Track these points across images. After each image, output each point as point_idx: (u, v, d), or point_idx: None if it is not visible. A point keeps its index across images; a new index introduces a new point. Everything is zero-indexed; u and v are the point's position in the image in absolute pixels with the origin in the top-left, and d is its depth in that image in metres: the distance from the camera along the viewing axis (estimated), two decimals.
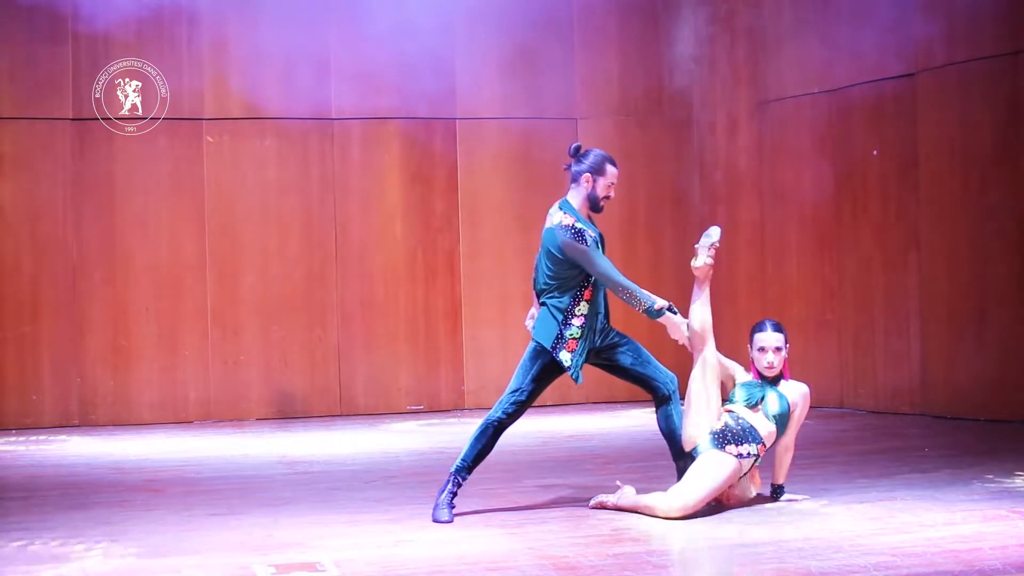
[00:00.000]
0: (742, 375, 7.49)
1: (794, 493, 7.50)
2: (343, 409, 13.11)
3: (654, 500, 7.05)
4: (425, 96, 13.19)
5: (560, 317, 7.17)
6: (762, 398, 7.31)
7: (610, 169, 7.34)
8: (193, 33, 12.86)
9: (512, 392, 7.22)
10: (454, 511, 7.12)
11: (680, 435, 7.26)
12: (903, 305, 11.73)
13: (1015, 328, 10.84)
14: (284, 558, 6.24)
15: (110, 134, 12.73)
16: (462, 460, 7.24)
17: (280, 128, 13.09)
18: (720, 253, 13.58)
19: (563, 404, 13.08)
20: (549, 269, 7.23)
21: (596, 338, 7.26)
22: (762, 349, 7.38)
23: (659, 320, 7.13)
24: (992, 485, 7.71)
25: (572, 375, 7.17)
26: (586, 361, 7.26)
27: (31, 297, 12.60)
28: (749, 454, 7.14)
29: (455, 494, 7.18)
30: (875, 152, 11.94)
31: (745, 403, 7.31)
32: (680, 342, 7.24)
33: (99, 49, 12.68)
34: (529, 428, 11.53)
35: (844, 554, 5.94)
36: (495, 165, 13.46)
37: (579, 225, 7.17)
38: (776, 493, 7.43)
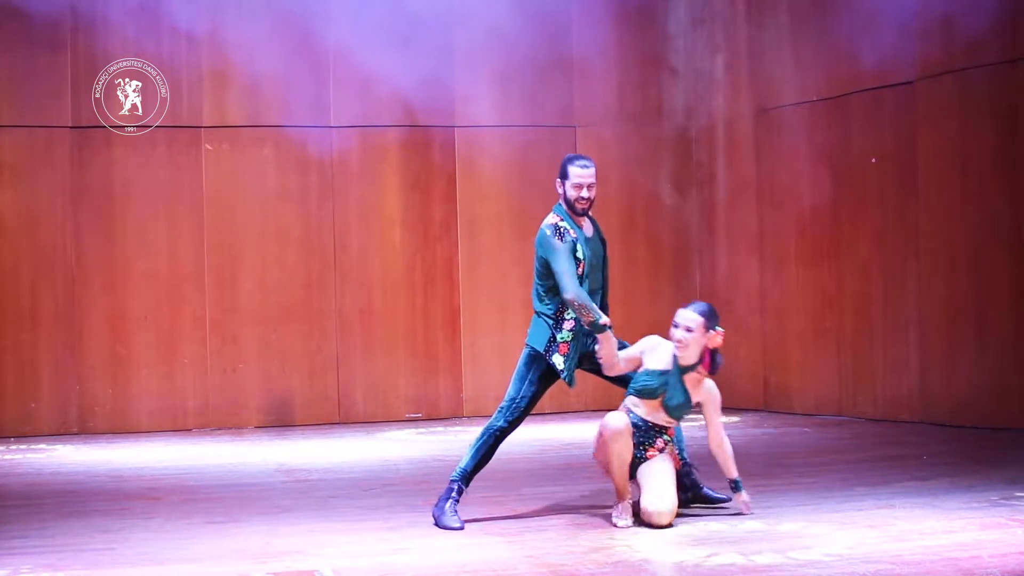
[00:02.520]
0: (650, 360, 7.20)
1: (782, 501, 7.49)
2: (342, 417, 13.11)
3: (651, 507, 7.04)
4: (424, 104, 13.19)
5: (551, 322, 7.20)
6: (664, 390, 7.13)
7: (572, 170, 7.32)
8: (192, 41, 12.86)
9: (511, 400, 7.24)
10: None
11: None
12: (902, 313, 11.73)
13: (1014, 336, 10.84)
14: (283, 566, 6.23)
15: (109, 142, 12.74)
16: (462, 469, 7.25)
17: (279, 136, 13.09)
18: (719, 260, 13.64)
19: (561, 412, 13.07)
20: (537, 273, 7.28)
21: (588, 341, 7.27)
22: (675, 325, 7.20)
23: (598, 335, 7.08)
24: (991, 493, 7.71)
25: (565, 378, 7.22)
26: (578, 365, 7.28)
27: (30, 305, 12.60)
28: (662, 448, 7.21)
29: (458, 501, 7.19)
30: (874, 160, 11.95)
31: (640, 393, 7.17)
32: (606, 361, 7.12)
33: (98, 58, 12.69)
34: (528, 436, 11.52)
35: (843, 562, 5.93)
36: (494, 173, 13.46)
37: (563, 224, 7.22)
38: (735, 487, 7.31)
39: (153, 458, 10.78)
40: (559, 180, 7.35)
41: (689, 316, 7.14)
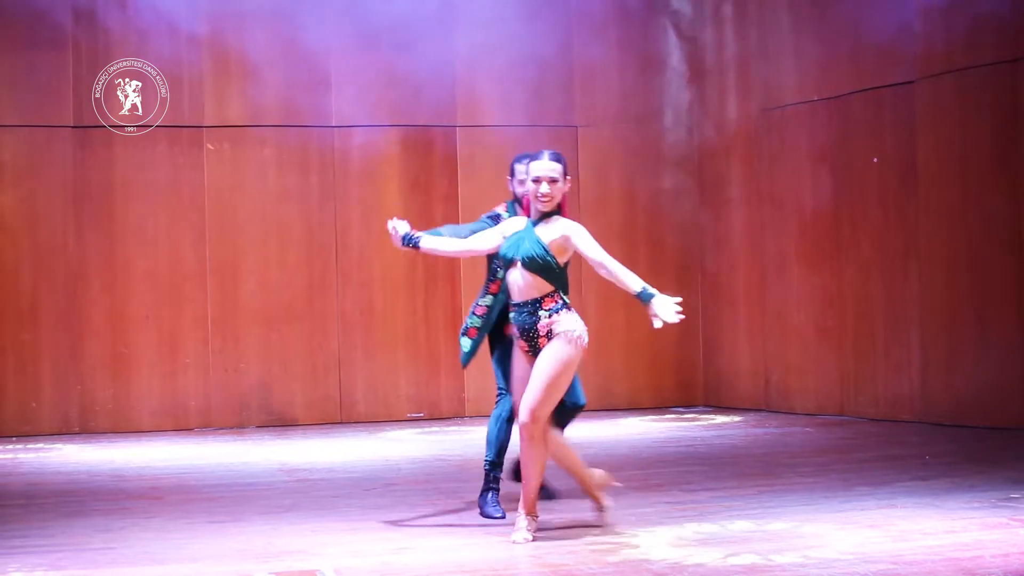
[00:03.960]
0: (509, 231, 6.87)
1: (783, 501, 7.48)
2: (343, 417, 13.11)
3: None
4: (425, 104, 13.20)
5: (472, 308, 7.57)
6: (518, 247, 6.74)
7: (516, 168, 7.70)
8: (193, 40, 12.86)
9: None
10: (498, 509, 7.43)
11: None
12: (903, 312, 11.73)
13: (1014, 335, 10.84)
14: (284, 566, 6.24)
15: (110, 141, 12.74)
16: (488, 460, 7.50)
17: (280, 136, 13.09)
18: (721, 261, 13.62)
19: None
20: None
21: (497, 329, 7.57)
22: (537, 180, 6.74)
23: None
24: (993, 493, 7.70)
25: (461, 359, 7.60)
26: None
27: (31, 305, 12.60)
28: (549, 330, 6.67)
29: (498, 491, 7.46)
30: (875, 160, 11.94)
31: (503, 264, 6.79)
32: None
33: (99, 58, 12.70)
34: None
35: (844, 562, 5.93)
36: (495, 173, 13.41)
37: (498, 210, 7.62)
38: (644, 298, 6.68)
39: (154, 458, 10.78)
40: (508, 178, 7.80)
41: (551, 167, 6.75)
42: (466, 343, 7.57)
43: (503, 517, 7.25)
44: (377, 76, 13.10)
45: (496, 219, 7.55)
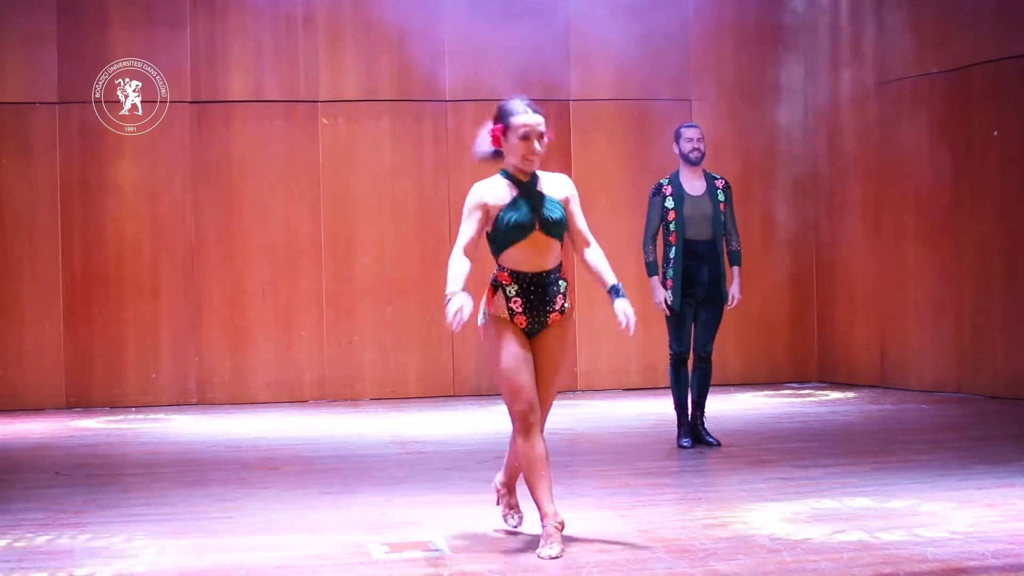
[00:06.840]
0: (494, 198, 6.52)
1: (899, 478, 7.39)
2: (456, 390, 13.18)
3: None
4: (539, 77, 13.18)
5: (664, 263, 9.15)
6: (537, 209, 6.39)
7: (682, 131, 9.18)
8: (309, 16, 12.98)
9: None
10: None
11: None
12: (1023, 289, 11.51)
13: None
14: (397, 537, 6.29)
15: (228, 116, 12.91)
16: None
17: (394, 110, 13.17)
18: (836, 235, 13.45)
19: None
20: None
21: (695, 274, 9.11)
22: (525, 136, 6.37)
23: None
24: None
25: (672, 304, 9.02)
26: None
27: (151, 277, 12.82)
28: (563, 305, 6.34)
29: (681, 427, 9.17)
30: (996, 133, 11.72)
31: (511, 236, 6.36)
32: None
33: (216, 34, 12.87)
34: (641, 410, 11.52)
35: (961, 541, 5.86)
36: (609, 146, 13.43)
37: (662, 181, 9.28)
38: (616, 292, 6.28)
39: (270, 429, 10.92)
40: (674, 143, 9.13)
41: (540, 120, 6.30)
42: (668, 294, 8.93)
43: (689, 446, 8.95)
44: (491, 50, 13.11)
45: (659, 190, 9.02)
